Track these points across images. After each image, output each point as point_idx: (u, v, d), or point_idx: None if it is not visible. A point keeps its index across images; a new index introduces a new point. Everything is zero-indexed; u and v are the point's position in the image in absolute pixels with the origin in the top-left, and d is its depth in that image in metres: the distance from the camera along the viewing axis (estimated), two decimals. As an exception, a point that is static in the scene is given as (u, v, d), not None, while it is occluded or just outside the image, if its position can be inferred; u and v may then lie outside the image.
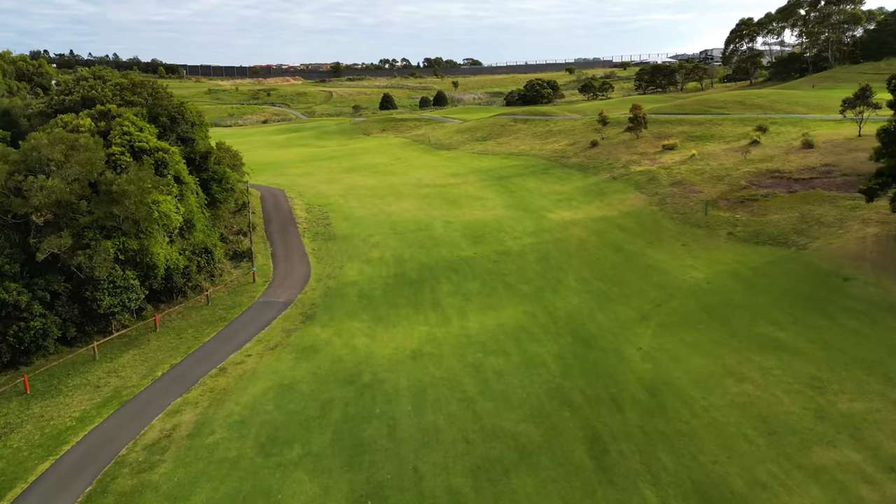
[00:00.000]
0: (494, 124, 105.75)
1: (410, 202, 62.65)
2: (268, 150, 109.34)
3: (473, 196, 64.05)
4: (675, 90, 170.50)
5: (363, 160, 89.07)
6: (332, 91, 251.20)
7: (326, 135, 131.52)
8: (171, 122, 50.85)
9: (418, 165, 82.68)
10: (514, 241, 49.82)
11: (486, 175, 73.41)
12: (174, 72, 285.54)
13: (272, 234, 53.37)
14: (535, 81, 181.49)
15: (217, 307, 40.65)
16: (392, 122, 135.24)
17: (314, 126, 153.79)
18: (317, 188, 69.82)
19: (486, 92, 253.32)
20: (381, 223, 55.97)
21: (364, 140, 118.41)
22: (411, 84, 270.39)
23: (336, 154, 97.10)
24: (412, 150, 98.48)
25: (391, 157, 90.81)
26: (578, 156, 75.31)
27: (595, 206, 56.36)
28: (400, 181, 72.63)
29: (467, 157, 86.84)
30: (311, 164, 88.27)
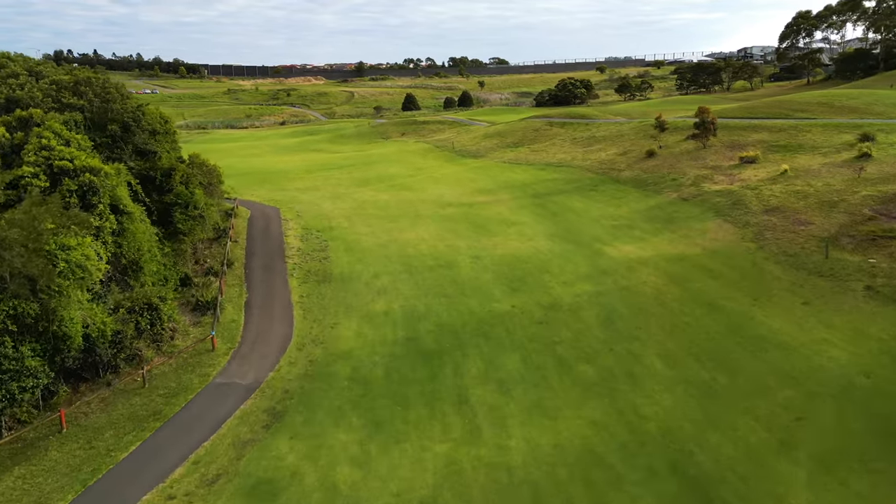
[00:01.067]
0: (527, 128, 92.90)
1: (429, 227, 50.35)
2: (275, 157, 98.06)
3: (507, 220, 51.48)
4: (720, 90, 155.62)
5: (377, 170, 77.01)
6: (353, 91, 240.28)
7: (342, 139, 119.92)
8: (123, 132, 39.31)
9: (440, 178, 70.35)
10: (563, 288, 37.20)
11: (521, 191, 60.76)
12: (195, 71, 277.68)
13: (253, 272, 41.51)
14: (568, 81, 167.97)
15: (156, 392, 28.85)
16: (413, 124, 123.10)
17: (331, 129, 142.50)
18: (319, 207, 57.92)
19: (514, 92, 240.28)
20: (392, 257, 43.78)
21: (381, 145, 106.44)
22: (435, 84, 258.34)
23: (348, 162, 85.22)
24: (434, 157, 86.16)
25: (410, 167, 78.60)
26: (632, 168, 62.16)
27: (666, 239, 43.37)
28: (418, 198, 60.36)
29: (497, 168, 74.26)
30: (318, 174, 76.52)
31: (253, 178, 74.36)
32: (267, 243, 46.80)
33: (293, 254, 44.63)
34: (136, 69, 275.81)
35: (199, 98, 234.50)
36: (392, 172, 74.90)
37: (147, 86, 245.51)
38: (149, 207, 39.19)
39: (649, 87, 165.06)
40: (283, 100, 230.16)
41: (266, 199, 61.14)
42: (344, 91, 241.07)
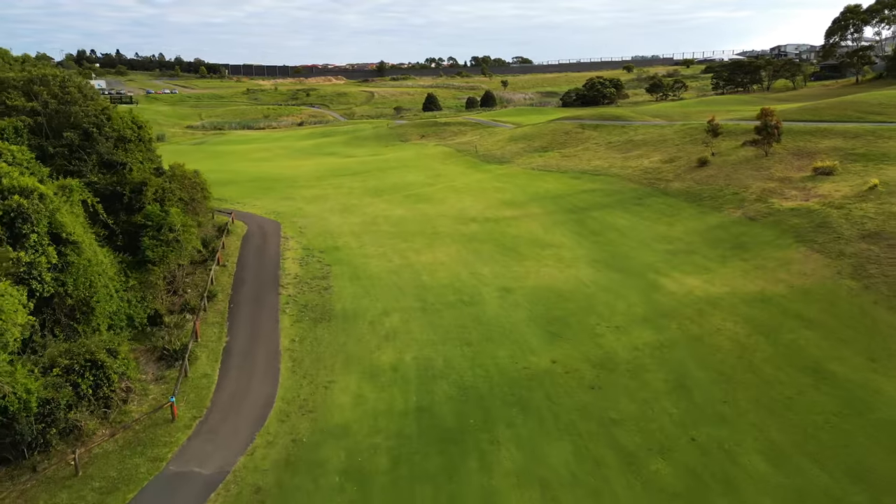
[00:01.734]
0: (556, 131, 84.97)
1: (449, 248, 42.92)
2: (287, 161, 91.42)
3: (540, 240, 43.83)
4: (758, 89, 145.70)
5: (393, 177, 69.74)
6: (373, 91, 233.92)
7: (358, 141, 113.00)
8: (84, 139, 32.50)
9: (462, 187, 62.80)
10: (617, 335, 29.54)
11: (555, 204, 53.03)
12: (216, 71, 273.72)
13: (239, 307, 34.49)
14: (596, 80, 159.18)
15: (90, 484, 21.87)
16: (434, 126, 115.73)
17: (348, 130, 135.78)
18: (326, 221, 50.84)
19: (538, 92, 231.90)
20: (405, 287, 36.45)
21: (400, 148, 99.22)
22: (457, 83, 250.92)
23: (363, 167, 78.11)
24: (455, 163, 78.64)
25: (429, 174, 71.18)
26: (682, 178, 54.02)
27: (738, 271, 35.37)
28: (437, 211, 52.94)
29: (525, 176, 66.51)
30: (329, 181, 69.49)
31: (258, 185, 67.64)
32: (260, 268, 39.75)
33: (289, 282, 37.50)
34: (157, 69, 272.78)
35: (217, 98, 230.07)
36: (409, 180, 67.56)
37: (167, 85, 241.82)
38: (112, 231, 32.41)
39: (683, 86, 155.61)
40: (302, 100, 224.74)
41: (268, 212, 54.24)
42: (364, 91, 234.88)
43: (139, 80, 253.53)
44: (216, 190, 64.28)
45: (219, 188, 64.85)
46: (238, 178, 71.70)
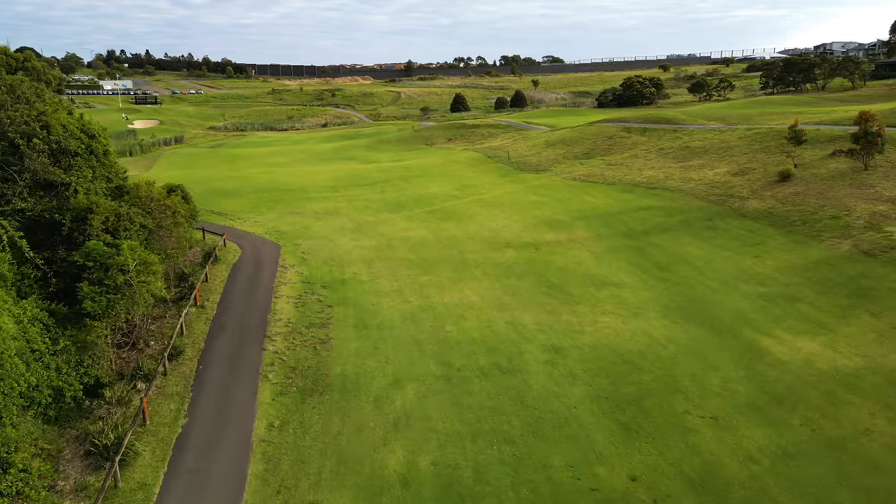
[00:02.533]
0: (599, 135, 75.83)
1: (481, 285, 34.50)
2: (302, 166, 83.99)
3: (594, 275, 35.10)
4: (813, 88, 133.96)
5: (416, 188, 61.50)
6: (400, 91, 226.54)
7: (382, 144, 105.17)
8: (12, 154, 24.96)
9: (494, 201, 54.26)
10: (718, 434, 20.78)
11: (606, 225, 44.21)
12: (242, 71, 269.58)
13: (209, 368, 26.60)
14: (635, 79, 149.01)
15: None
16: (462, 128, 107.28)
17: (372, 132, 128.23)
18: (334, 244, 42.84)
19: (571, 92, 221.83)
20: (424, 342, 28.16)
21: (424, 153, 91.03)
22: (486, 83, 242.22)
23: (383, 175, 70.03)
24: (486, 171, 70.06)
25: (456, 184, 62.75)
26: (760, 196, 44.67)
27: (869, 331, 26.18)
28: (465, 232, 44.53)
29: (566, 188, 57.66)
30: (344, 192, 61.58)
31: (266, 196, 60.10)
32: (247, 309, 31.83)
33: (279, 331, 29.50)
34: (185, 69, 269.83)
35: (242, 98, 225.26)
36: (433, 192, 59.23)
37: (192, 86, 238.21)
38: (44, 273, 24.74)
39: (729, 85, 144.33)
40: (327, 100, 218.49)
41: (269, 231, 46.49)
42: (390, 91, 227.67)
43: (166, 81, 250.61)
44: (217, 202, 56.94)
45: (221, 200, 57.52)
46: (244, 188, 64.29)
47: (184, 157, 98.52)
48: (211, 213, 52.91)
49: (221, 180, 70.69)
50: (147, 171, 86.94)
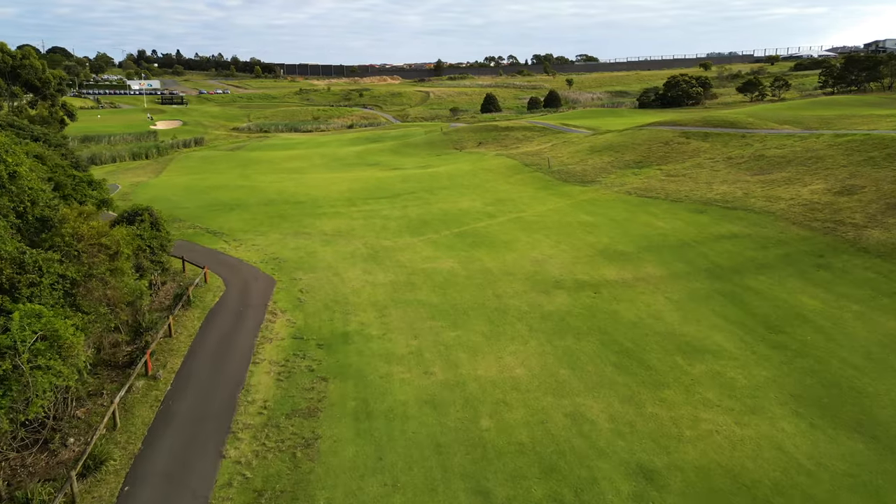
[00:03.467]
0: (652, 140, 66.05)
1: (526, 347, 25.58)
2: (320, 173, 76.09)
3: (679, 337, 25.82)
4: (878, 88, 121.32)
5: (443, 203, 52.73)
6: (429, 91, 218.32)
7: (407, 148, 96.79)
8: None
9: (536, 221, 45.17)
10: None
11: (681, 258, 34.82)
12: (271, 71, 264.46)
13: (137, 488, 18.33)
14: (680, 78, 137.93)
15: None
16: (494, 131, 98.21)
17: (398, 134, 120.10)
18: (341, 279, 34.34)
19: (607, 91, 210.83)
20: (449, 454, 19.34)
21: (453, 158, 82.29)
22: (518, 82, 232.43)
23: (406, 187, 61.46)
24: (522, 181, 60.93)
25: (489, 198, 53.81)
26: (883, 224, 34.69)
27: None
28: (502, 265, 35.60)
29: (621, 204, 48.24)
30: (361, 207, 53.17)
31: (273, 211, 52.11)
32: (213, 383, 23.49)
33: (249, 422, 21.02)
34: (213, 69, 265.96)
35: (269, 98, 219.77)
36: (463, 208, 50.40)
37: (219, 86, 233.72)
38: None
39: (784, 84, 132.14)
40: (354, 100, 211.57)
41: (266, 258, 38.26)
42: (419, 91, 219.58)
43: (194, 81, 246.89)
44: (215, 218, 49.09)
45: (220, 215, 49.69)
46: (250, 200, 56.44)
47: (197, 162, 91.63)
48: (205, 233, 45.05)
49: (228, 189, 63.08)
50: (156, 177, 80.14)
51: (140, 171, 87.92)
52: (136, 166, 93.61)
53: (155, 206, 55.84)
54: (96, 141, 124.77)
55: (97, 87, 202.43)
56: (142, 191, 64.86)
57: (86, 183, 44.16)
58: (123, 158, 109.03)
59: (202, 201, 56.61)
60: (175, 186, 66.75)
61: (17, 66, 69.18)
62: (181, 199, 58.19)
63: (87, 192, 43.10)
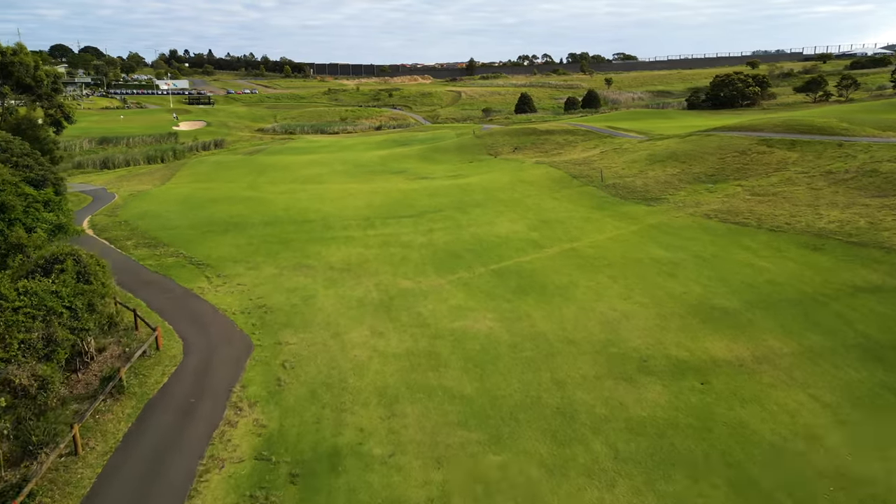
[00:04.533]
0: (724, 148, 55.36)
1: (614, 497, 16.08)
2: (338, 183, 67.34)
3: (858, 480, 15.91)
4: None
5: (477, 225, 43.10)
6: (460, 91, 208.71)
7: (437, 154, 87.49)
8: None
9: (597, 255, 35.12)
10: None
11: (809, 320, 24.55)
12: (300, 71, 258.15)
13: None
14: (734, 76, 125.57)
15: None
16: (532, 134, 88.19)
17: (427, 138, 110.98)
18: (341, 343, 25.04)
19: (648, 91, 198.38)
20: None
21: (487, 166, 72.65)
22: (554, 82, 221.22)
23: (434, 202, 52.04)
24: (571, 197, 50.91)
25: (532, 219, 43.95)
26: None
27: None
28: (559, 328, 25.76)
29: (704, 234, 37.92)
30: (380, 229, 43.95)
31: (274, 233, 43.35)
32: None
33: None
34: (243, 68, 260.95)
35: (297, 98, 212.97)
36: (502, 233, 40.72)
37: (248, 85, 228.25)
38: None
39: (853, 83, 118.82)
40: (383, 101, 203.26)
41: (249, 306, 29.27)
42: (450, 91, 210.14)
43: (223, 80, 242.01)
44: (203, 243, 40.42)
45: (211, 239, 41.09)
46: (251, 218, 47.84)
47: (210, 167, 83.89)
48: (187, 263, 36.45)
49: (232, 203, 54.71)
50: (161, 185, 72.53)
51: (147, 177, 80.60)
52: (146, 171, 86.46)
53: (141, 225, 47.85)
54: (114, 143, 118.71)
55: (126, 87, 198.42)
56: (136, 203, 56.98)
57: (41, 203, 36.08)
58: (137, 162, 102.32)
59: (197, 218, 48.24)
60: (175, 198, 58.73)
61: (7, 63, 61.90)
62: (175, 215, 49.96)
63: (40, 216, 35.00)
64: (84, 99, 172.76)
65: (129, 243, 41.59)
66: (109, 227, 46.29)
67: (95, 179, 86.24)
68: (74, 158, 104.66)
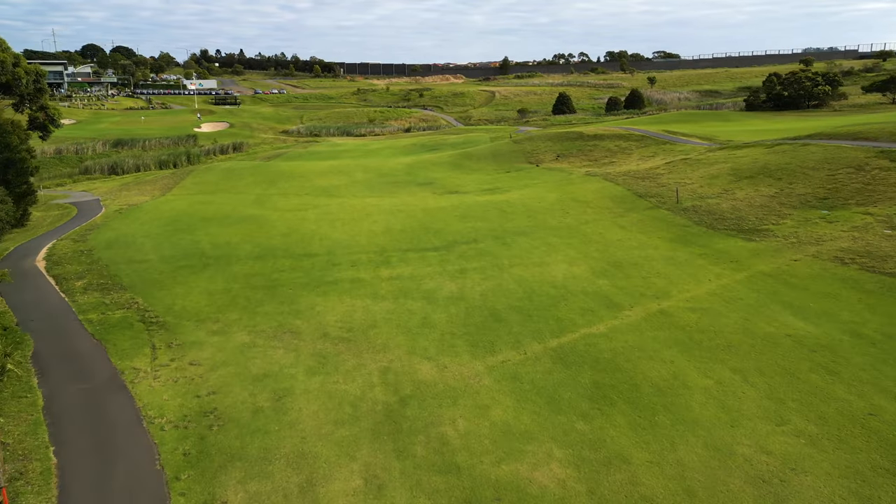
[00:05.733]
0: (830, 163, 43.51)
1: None
2: (357, 197, 57.52)
3: None
4: None
5: (523, 264, 32.31)
6: (494, 91, 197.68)
7: (470, 160, 77.06)
8: None
9: (702, 325, 24.06)
10: None
11: None
12: (330, 70, 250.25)
13: None
14: (801, 74, 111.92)
15: None
16: (578, 140, 77.00)
17: (458, 142, 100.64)
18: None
19: (694, 90, 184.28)
20: None
21: (528, 177, 61.85)
22: (592, 81, 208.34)
23: (466, 228, 41.48)
24: (641, 225, 39.75)
25: (596, 256, 33.03)
26: None
27: None
28: (679, 489, 15.31)
29: (840, 288, 26.60)
30: (395, 267, 33.65)
31: (263, 272, 33.52)
32: None
33: None
34: (273, 68, 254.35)
35: (325, 99, 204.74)
36: (557, 280, 29.93)
37: (276, 85, 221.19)
38: None
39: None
40: (414, 101, 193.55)
41: (186, 413, 19.11)
42: (483, 91, 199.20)
43: (252, 80, 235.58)
44: (173, 288, 30.54)
45: (183, 280, 31.41)
46: (241, 249, 38.15)
47: (219, 175, 75.00)
48: (136, 321, 26.78)
49: (224, 224, 45.31)
50: (161, 196, 63.76)
51: (150, 186, 72.08)
52: (152, 179, 78.10)
53: (105, 257, 37.73)
54: (129, 145, 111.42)
55: (153, 87, 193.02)
56: (116, 223, 48.00)
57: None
58: (148, 167, 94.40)
59: (176, 248, 38.81)
60: (164, 216, 49.67)
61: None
62: (152, 241, 40.65)
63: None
64: (109, 99, 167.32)
65: (80, 284, 32.25)
66: (66, 259, 37.10)
67: (99, 187, 78.29)
68: (84, 163, 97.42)
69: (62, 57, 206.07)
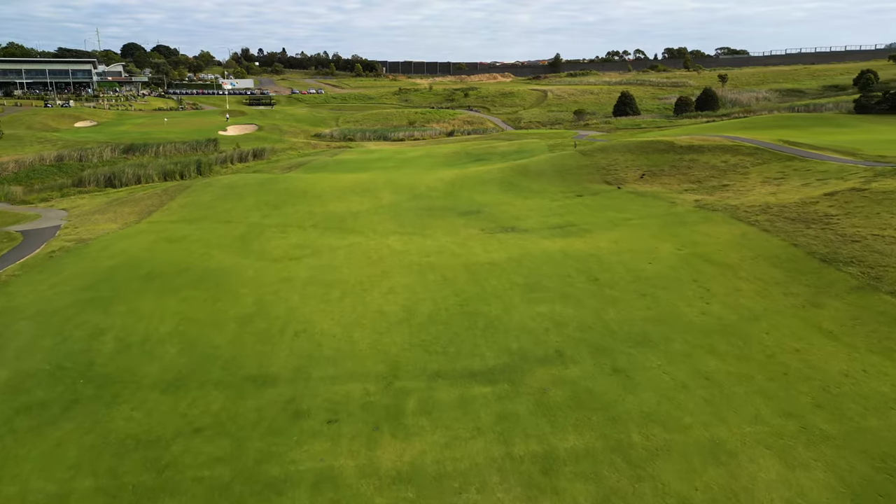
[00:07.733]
0: None
1: None
2: (378, 237, 41.08)
3: None
4: None
5: (670, 454, 15.13)
6: (546, 90, 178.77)
7: (526, 177, 59.72)
8: None
9: None
10: None
11: None
12: (372, 69, 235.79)
13: None
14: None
15: None
16: (668, 153, 58.63)
17: (510, 149, 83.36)
18: None
19: (772, 89, 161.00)
20: None
21: (611, 206, 43.99)
22: (654, 79, 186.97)
23: (541, 324, 24.41)
24: (850, 327, 21.87)
25: (813, 422, 15.54)
26: None
27: None
28: None
29: None
30: (415, 437, 16.97)
31: (140, 462, 17.19)
32: None
33: None
34: (313, 67, 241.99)
35: (365, 99, 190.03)
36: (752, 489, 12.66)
37: (314, 85, 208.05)
38: None
39: None
40: (458, 101, 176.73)
41: None
42: (534, 90, 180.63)
43: (291, 79, 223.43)
44: None
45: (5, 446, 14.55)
46: (151, 364, 22.00)
47: (215, 195, 59.83)
48: None
49: (167, 289, 29.61)
50: (135, 223, 49.04)
51: (131, 206, 57.60)
52: (143, 195, 63.75)
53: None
54: (142, 151, 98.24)
55: (188, 87, 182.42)
56: (21, 282, 32.95)
57: None
58: (150, 178, 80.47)
59: (54, 355, 23.19)
60: (97, 269, 34.47)
61: None
62: (29, 334, 25.18)
63: None
64: (139, 99, 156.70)
65: None
66: None
67: (81, 205, 64.51)
68: (82, 172, 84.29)
69: (102, 56, 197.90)
